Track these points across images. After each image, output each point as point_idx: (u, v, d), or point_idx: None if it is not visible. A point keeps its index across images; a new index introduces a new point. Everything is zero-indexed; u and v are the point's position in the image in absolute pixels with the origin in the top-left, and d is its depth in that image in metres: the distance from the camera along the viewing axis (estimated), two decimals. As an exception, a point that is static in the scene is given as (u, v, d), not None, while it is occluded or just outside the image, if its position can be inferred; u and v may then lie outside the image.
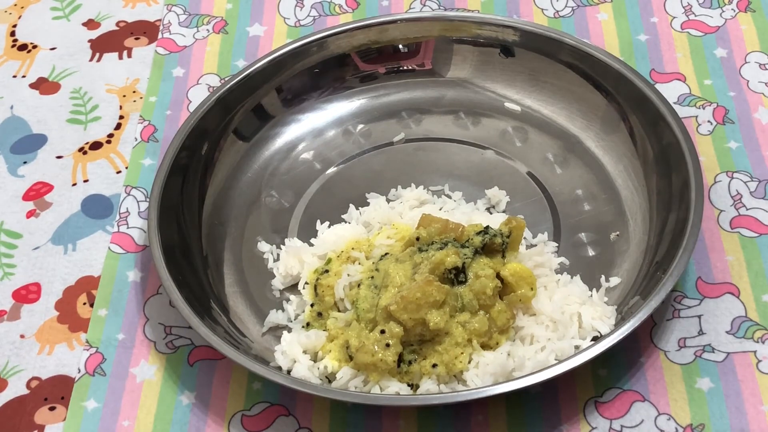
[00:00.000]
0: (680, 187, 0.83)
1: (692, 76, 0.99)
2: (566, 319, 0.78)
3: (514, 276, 0.78)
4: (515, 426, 0.77)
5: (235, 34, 1.07)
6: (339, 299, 0.81)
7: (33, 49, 1.09)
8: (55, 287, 0.88)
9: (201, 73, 1.04)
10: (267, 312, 0.84)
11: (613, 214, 0.88)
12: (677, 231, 0.80)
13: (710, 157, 0.92)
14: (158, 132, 0.99)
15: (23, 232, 0.93)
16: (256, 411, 0.79)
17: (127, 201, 0.94)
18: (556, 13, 1.06)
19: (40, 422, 0.80)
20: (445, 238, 0.81)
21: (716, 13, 1.04)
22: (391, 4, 1.09)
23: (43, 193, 0.95)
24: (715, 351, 0.80)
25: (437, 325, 0.76)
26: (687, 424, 0.76)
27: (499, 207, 0.89)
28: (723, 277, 0.84)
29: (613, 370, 0.79)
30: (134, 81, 1.04)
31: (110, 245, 0.90)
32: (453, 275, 0.78)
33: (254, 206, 0.92)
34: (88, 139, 1.00)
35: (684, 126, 0.86)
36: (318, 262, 0.85)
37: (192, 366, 0.82)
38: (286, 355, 0.79)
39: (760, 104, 0.96)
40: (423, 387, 0.76)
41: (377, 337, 0.76)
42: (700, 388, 0.78)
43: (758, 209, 0.88)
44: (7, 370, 0.83)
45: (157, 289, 0.87)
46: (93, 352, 0.84)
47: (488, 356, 0.76)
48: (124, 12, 1.12)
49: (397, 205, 0.88)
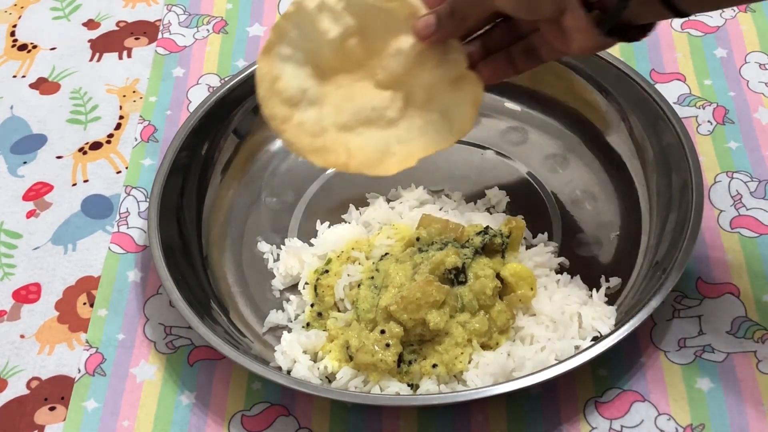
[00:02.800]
0: (680, 187, 0.83)
1: (692, 76, 0.98)
2: (566, 319, 0.78)
3: (514, 276, 0.78)
4: (515, 426, 0.77)
5: (235, 34, 1.07)
6: (339, 299, 0.81)
7: (33, 49, 1.09)
8: (55, 287, 0.88)
9: (201, 73, 1.04)
10: (267, 312, 0.84)
11: (613, 214, 0.88)
12: (677, 231, 0.80)
13: (710, 157, 0.92)
14: (158, 132, 0.99)
15: (23, 232, 0.93)
16: (256, 411, 0.79)
17: (127, 201, 0.94)
18: (556, 13, 1.06)
19: (40, 422, 0.80)
20: (445, 239, 0.81)
21: (716, 13, 1.04)
22: (391, 4, 1.09)
23: (43, 193, 0.95)
24: (715, 351, 0.80)
25: (437, 325, 0.76)
26: (687, 424, 0.76)
27: (499, 207, 0.89)
28: (723, 277, 0.84)
29: (613, 370, 0.79)
30: (134, 81, 1.04)
31: (110, 245, 0.90)
32: (453, 275, 0.78)
33: (254, 206, 0.92)
34: (88, 139, 1.00)
35: (684, 126, 0.86)
36: (318, 262, 0.85)
37: (192, 366, 0.82)
38: (286, 355, 0.79)
39: (760, 104, 0.96)
40: (423, 387, 0.76)
41: (377, 337, 0.76)
42: (700, 388, 0.78)
43: (758, 209, 0.88)
44: (7, 370, 0.83)
45: (157, 289, 0.87)
46: (93, 352, 0.84)
47: (488, 356, 0.76)
48: (124, 12, 1.12)
49: (397, 205, 0.88)
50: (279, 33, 0.80)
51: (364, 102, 0.82)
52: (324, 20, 0.79)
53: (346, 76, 0.82)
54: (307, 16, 0.79)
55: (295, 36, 0.80)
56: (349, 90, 0.82)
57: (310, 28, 0.80)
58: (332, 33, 0.80)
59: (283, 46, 0.80)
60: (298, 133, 0.81)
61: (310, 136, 0.82)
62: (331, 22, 0.79)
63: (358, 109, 0.82)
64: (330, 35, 0.80)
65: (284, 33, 0.80)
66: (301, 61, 0.81)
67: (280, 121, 0.81)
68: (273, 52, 0.80)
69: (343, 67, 0.82)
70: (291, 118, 0.81)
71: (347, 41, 0.80)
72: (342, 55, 0.81)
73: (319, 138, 0.82)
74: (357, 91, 0.82)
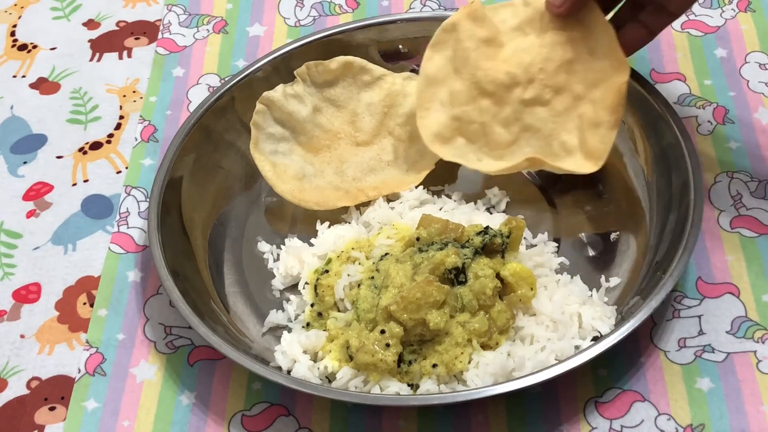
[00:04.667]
0: (680, 187, 0.83)
1: (692, 76, 0.98)
2: (566, 319, 0.78)
3: (514, 276, 0.78)
4: (515, 426, 0.77)
5: (235, 34, 1.07)
6: (339, 299, 0.81)
7: (33, 49, 1.09)
8: (55, 287, 0.88)
9: (201, 73, 1.04)
10: (267, 312, 0.84)
11: (613, 214, 0.88)
12: (677, 231, 0.80)
13: (710, 157, 0.92)
14: (158, 132, 0.99)
15: (23, 232, 0.93)
16: (256, 411, 0.79)
17: (127, 201, 0.94)
18: (556, 13, 1.06)
19: (40, 422, 0.80)
20: (445, 239, 0.81)
21: (716, 13, 1.04)
22: (391, 4, 1.09)
23: (43, 193, 0.95)
24: (715, 351, 0.80)
25: (437, 325, 0.76)
26: (687, 424, 0.76)
27: (499, 207, 0.89)
28: (723, 277, 0.84)
29: (613, 370, 0.79)
30: (134, 81, 1.04)
31: (110, 245, 0.90)
32: (453, 275, 0.78)
33: (254, 206, 0.92)
34: (88, 139, 1.00)
35: (684, 126, 0.86)
36: (318, 262, 0.85)
37: (192, 366, 0.82)
38: (286, 355, 0.79)
39: (760, 104, 0.95)
40: (423, 387, 0.76)
41: (377, 337, 0.76)
42: (700, 388, 0.78)
43: (758, 209, 0.88)
44: (7, 370, 0.83)
45: (157, 289, 0.87)
46: (93, 352, 0.84)
47: (488, 356, 0.76)
48: (124, 12, 1.12)
49: (397, 205, 0.88)
50: (257, 128, 0.90)
51: (358, 160, 0.92)
52: (292, 104, 0.91)
53: (329, 148, 0.92)
54: (276, 105, 0.91)
55: (272, 130, 0.91)
56: (339, 158, 0.92)
57: (282, 114, 0.91)
58: (303, 112, 0.91)
59: (266, 142, 0.91)
60: (318, 193, 0.90)
61: (332, 191, 0.90)
62: (298, 103, 0.91)
63: (357, 166, 0.91)
64: (302, 114, 0.91)
65: (261, 127, 0.90)
66: (286, 152, 0.91)
67: (297, 191, 0.89)
68: (260, 147, 0.90)
69: (326, 137, 0.92)
70: (303, 188, 0.90)
71: (317, 116, 0.92)
72: (320, 128, 0.92)
73: (340, 190, 0.90)
74: (345, 156, 0.92)
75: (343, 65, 0.92)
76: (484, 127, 0.87)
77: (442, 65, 0.87)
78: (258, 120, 0.90)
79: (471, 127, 0.87)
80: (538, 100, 0.86)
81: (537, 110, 0.86)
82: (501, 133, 0.86)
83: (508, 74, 0.85)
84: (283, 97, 0.91)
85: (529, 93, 0.85)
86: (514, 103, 0.86)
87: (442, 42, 0.88)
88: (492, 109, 0.86)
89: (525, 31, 0.86)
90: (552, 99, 0.85)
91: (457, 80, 0.87)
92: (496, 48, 0.86)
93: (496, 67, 0.86)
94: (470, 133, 0.87)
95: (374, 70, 0.92)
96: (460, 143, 0.88)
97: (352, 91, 0.92)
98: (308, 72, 0.91)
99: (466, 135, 0.87)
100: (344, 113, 0.93)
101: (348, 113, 0.92)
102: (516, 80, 0.85)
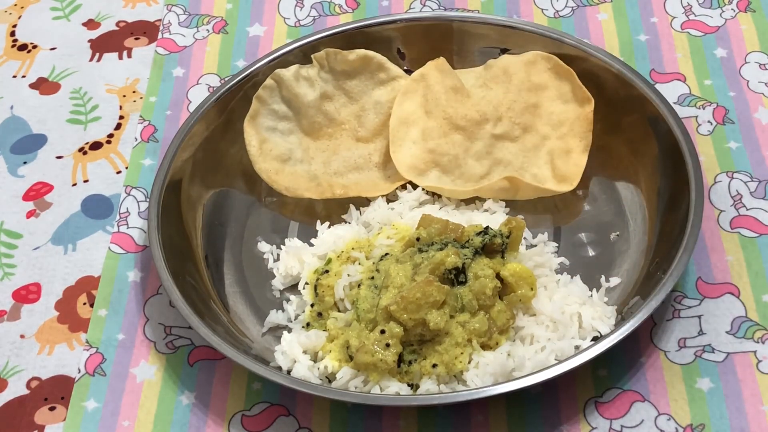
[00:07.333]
0: (680, 187, 0.83)
1: (692, 76, 0.98)
2: (566, 319, 0.78)
3: (514, 276, 0.78)
4: (515, 426, 0.77)
5: (235, 34, 1.07)
6: (339, 299, 0.81)
7: (33, 49, 1.09)
8: (55, 287, 0.88)
9: (201, 73, 1.04)
10: (267, 312, 0.84)
11: (613, 214, 0.88)
12: (677, 231, 0.80)
13: (710, 157, 0.92)
14: (158, 132, 0.99)
15: (23, 232, 0.93)
16: (256, 411, 0.79)
17: (127, 201, 0.94)
18: (556, 13, 1.06)
19: (40, 422, 0.80)
20: (445, 239, 0.81)
21: (716, 13, 1.04)
22: (391, 4, 1.09)
23: (43, 193, 0.95)
24: (715, 351, 0.80)
25: (437, 325, 0.76)
26: (687, 425, 0.76)
27: (499, 207, 0.89)
28: (723, 277, 0.84)
29: (613, 370, 0.79)
30: (134, 81, 1.04)
31: (110, 245, 0.90)
32: (453, 275, 0.78)
33: (254, 206, 0.92)
34: (88, 139, 1.00)
35: (684, 126, 0.86)
36: (318, 262, 0.85)
37: (192, 366, 0.82)
38: (286, 355, 0.79)
39: (760, 104, 0.96)
40: (423, 387, 0.76)
41: (377, 337, 0.76)
42: (700, 388, 0.78)
43: (758, 209, 0.88)
44: (7, 370, 0.83)
45: (157, 289, 0.87)
46: (93, 352, 0.84)
47: (488, 356, 0.76)
48: (124, 12, 1.12)
49: (397, 205, 0.88)
50: (261, 102, 0.91)
51: (349, 155, 0.92)
52: (302, 86, 0.92)
53: (330, 137, 0.93)
54: (285, 83, 0.91)
55: (276, 107, 0.92)
56: (334, 148, 0.92)
57: (289, 94, 0.91)
58: (310, 96, 0.92)
59: (266, 117, 0.92)
60: (292, 179, 0.91)
61: (306, 180, 0.91)
62: (308, 87, 0.92)
63: (345, 160, 0.92)
64: (308, 98, 0.92)
65: (266, 102, 0.91)
66: (285, 131, 0.92)
67: (273, 172, 0.90)
68: (257, 122, 0.91)
69: (328, 124, 0.93)
70: (282, 170, 0.91)
71: (325, 103, 0.92)
72: (324, 115, 0.93)
73: (314, 181, 0.91)
74: (342, 147, 0.92)
75: (362, 59, 0.92)
76: (457, 159, 0.89)
77: (414, 109, 0.90)
78: (263, 95, 0.91)
79: (444, 158, 0.89)
80: (508, 136, 0.90)
81: (507, 145, 0.90)
82: (474, 166, 0.89)
83: (478, 111, 0.90)
84: (294, 78, 0.91)
85: (499, 129, 0.90)
86: (486, 138, 0.90)
87: (412, 90, 0.91)
88: (464, 143, 0.89)
89: (489, 86, 0.92)
90: (521, 136, 0.90)
91: (430, 120, 0.90)
92: (463, 96, 0.91)
93: (467, 107, 0.90)
94: (444, 164, 0.89)
95: (391, 70, 0.93)
96: (435, 174, 0.89)
97: (368, 86, 0.93)
98: (327, 58, 0.92)
99: (440, 166, 0.89)
100: (354, 106, 0.93)
101: (358, 107, 0.93)
102: (486, 117, 0.90)
